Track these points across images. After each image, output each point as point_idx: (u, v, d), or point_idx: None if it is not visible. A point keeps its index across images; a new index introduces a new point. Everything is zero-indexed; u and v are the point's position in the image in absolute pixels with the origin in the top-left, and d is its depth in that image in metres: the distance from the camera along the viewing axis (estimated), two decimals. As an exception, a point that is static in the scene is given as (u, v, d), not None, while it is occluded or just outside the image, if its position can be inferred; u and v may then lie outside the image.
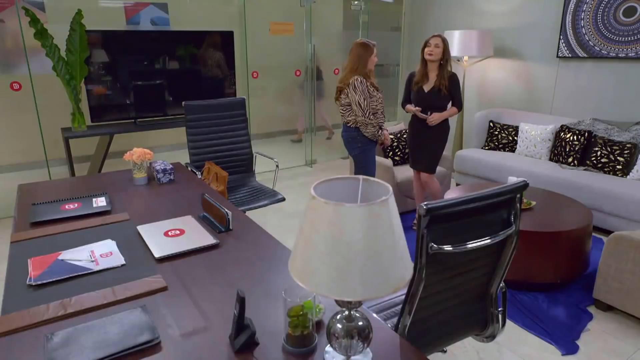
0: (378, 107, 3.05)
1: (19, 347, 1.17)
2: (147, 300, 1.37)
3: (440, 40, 3.16)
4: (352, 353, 1.06)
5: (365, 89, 2.94)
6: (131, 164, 2.58)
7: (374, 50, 3.01)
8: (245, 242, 1.76)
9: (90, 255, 1.64)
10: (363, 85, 2.94)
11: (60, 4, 4.34)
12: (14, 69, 4.58)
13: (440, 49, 3.16)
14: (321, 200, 0.89)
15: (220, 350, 1.15)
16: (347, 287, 0.88)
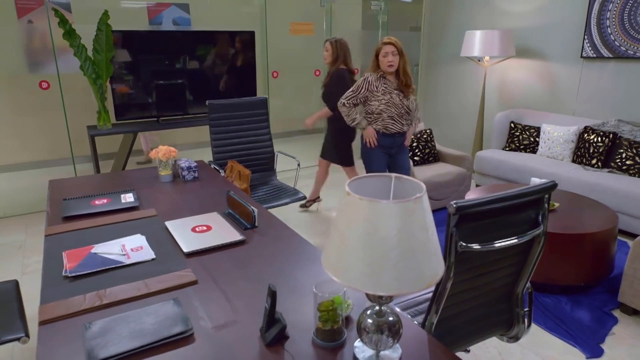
0: (381, 108, 2.92)
1: (60, 334, 1.21)
2: (178, 293, 1.41)
3: (329, 43, 3.52)
4: (382, 348, 1.08)
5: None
6: (156, 161, 2.64)
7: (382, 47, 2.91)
8: (271, 239, 1.79)
9: (122, 249, 1.68)
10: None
11: (86, 5, 4.44)
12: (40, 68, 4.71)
13: (329, 52, 3.52)
14: (356, 197, 0.90)
15: (251, 343, 1.18)
16: (381, 282, 0.90)
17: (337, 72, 3.51)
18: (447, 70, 5.67)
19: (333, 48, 3.54)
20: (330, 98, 3.52)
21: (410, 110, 2.99)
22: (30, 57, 4.72)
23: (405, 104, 2.94)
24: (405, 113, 2.97)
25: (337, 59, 3.54)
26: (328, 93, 3.57)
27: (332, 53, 3.54)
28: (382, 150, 3.08)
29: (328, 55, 3.56)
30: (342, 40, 3.57)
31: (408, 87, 2.94)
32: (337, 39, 3.56)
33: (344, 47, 3.56)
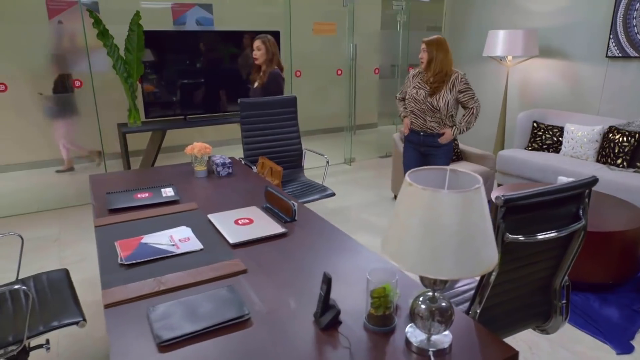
0: (408, 101, 3.08)
1: (124, 317, 1.29)
2: (229, 281, 1.48)
3: (261, 42, 3.32)
4: (434, 332, 1.13)
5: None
6: (191, 157, 2.72)
7: None
8: (311, 231, 1.85)
9: (170, 239, 1.76)
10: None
11: (114, 6, 4.56)
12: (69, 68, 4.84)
13: (262, 51, 3.33)
14: (419, 187, 0.96)
15: (306, 327, 1.24)
16: (441, 267, 0.95)
17: (274, 72, 3.29)
18: (467, 70, 5.68)
19: (266, 46, 3.29)
20: None
21: (435, 108, 2.93)
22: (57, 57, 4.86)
23: (429, 101, 2.92)
24: (429, 110, 2.94)
25: (273, 58, 3.31)
26: (268, 95, 3.32)
27: (265, 52, 3.29)
28: (411, 145, 3.16)
29: (261, 55, 3.31)
30: (272, 38, 3.34)
31: (432, 84, 2.92)
32: (267, 36, 3.31)
33: (274, 45, 3.35)
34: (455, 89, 2.90)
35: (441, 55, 2.88)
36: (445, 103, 2.90)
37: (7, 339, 1.54)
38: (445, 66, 2.90)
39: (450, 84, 2.90)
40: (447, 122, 2.98)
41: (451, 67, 2.93)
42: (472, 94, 2.92)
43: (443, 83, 2.90)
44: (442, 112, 2.93)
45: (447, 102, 2.90)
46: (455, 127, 2.97)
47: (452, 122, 3.00)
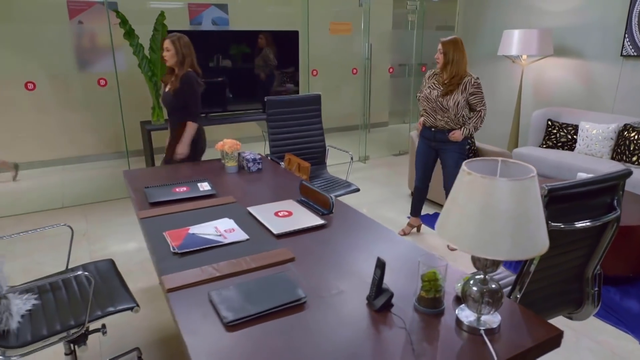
0: (420, 98, 3.22)
1: (187, 300, 1.37)
2: (280, 268, 1.56)
3: (170, 42, 2.99)
4: (484, 313, 1.21)
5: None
6: (221, 153, 2.81)
7: None
8: (348, 223, 1.93)
9: (216, 230, 1.85)
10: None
11: (132, 6, 4.66)
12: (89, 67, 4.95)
13: (171, 52, 2.98)
14: (478, 175, 1.04)
15: (360, 309, 1.32)
16: (499, 249, 1.03)
17: (187, 75, 3.01)
18: (481, 69, 5.75)
19: (176, 47, 2.99)
20: (188, 106, 3.04)
21: (445, 108, 3.03)
22: (79, 56, 4.96)
23: (440, 101, 3.05)
24: (440, 109, 3.07)
25: (185, 60, 3.01)
26: (182, 100, 3.03)
27: (175, 53, 2.99)
28: (424, 140, 3.30)
29: (170, 56, 2.99)
30: (185, 37, 3.04)
31: (446, 86, 3.03)
32: (178, 36, 3.02)
33: (188, 46, 3.05)
34: (467, 91, 3.01)
35: (457, 57, 3.00)
36: (455, 103, 3.02)
37: (69, 322, 1.63)
38: (461, 69, 3.01)
39: (462, 86, 3.01)
40: (457, 122, 3.10)
41: (466, 69, 3.04)
42: (482, 98, 3.05)
43: (457, 85, 3.01)
44: (452, 111, 3.04)
45: (458, 103, 3.02)
46: (465, 128, 3.09)
47: (461, 122, 3.10)
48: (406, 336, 1.20)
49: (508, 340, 1.18)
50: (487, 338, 1.18)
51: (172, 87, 3.04)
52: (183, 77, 3.00)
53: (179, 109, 3.07)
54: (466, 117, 3.09)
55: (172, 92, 3.04)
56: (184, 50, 3.02)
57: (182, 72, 3.02)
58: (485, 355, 1.13)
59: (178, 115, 3.10)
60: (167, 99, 3.11)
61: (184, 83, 3.00)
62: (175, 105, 3.08)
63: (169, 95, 3.09)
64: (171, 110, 3.14)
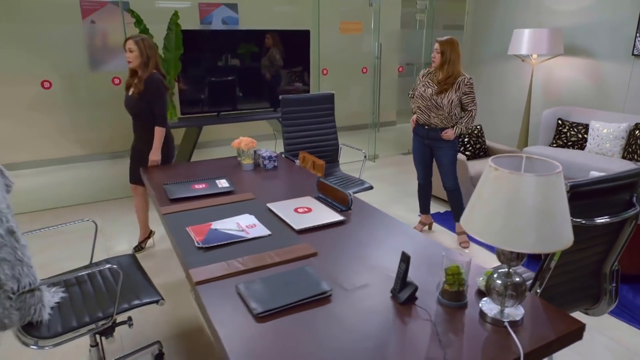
0: (415, 96, 3.26)
1: (215, 293, 1.41)
2: (303, 262, 1.60)
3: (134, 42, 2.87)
4: (507, 306, 1.24)
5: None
6: (237, 151, 2.85)
7: None
8: (367, 219, 1.96)
9: (238, 226, 1.88)
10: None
11: (142, 6, 4.71)
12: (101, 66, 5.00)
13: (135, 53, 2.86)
14: (505, 171, 1.07)
15: (385, 302, 1.35)
16: (525, 242, 1.06)
17: (152, 77, 2.90)
18: (490, 68, 5.76)
19: (140, 48, 2.87)
20: (154, 109, 2.95)
21: (439, 106, 3.09)
22: (93, 55, 5.02)
23: (434, 99, 3.11)
24: (434, 107, 3.13)
25: (149, 61, 2.90)
26: (146, 103, 2.93)
27: (139, 54, 2.87)
28: (418, 137, 3.35)
29: (134, 57, 2.87)
30: (149, 39, 2.94)
31: (441, 84, 3.08)
32: (142, 37, 2.91)
33: (152, 47, 2.93)
34: (460, 90, 3.07)
35: (454, 57, 3.06)
36: (450, 102, 3.08)
37: (97, 314, 1.67)
38: (456, 69, 3.08)
39: (456, 85, 3.07)
40: (450, 120, 3.15)
41: (459, 69, 3.10)
42: (473, 98, 3.12)
43: (451, 85, 3.07)
44: (445, 109, 3.10)
45: (452, 101, 3.08)
46: (457, 127, 3.15)
47: (453, 121, 3.16)
48: (432, 327, 1.23)
49: (531, 332, 1.21)
50: (511, 330, 1.21)
51: (136, 89, 2.91)
52: (148, 80, 2.89)
53: (144, 112, 2.96)
54: (458, 116, 3.16)
55: (137, 95, 2.91)
56: (148, 51, 2.90)
57: (145, 74, 2.89)
58: (510, 346, 1.16)
59: (143, 119, 2.99)
60: (130, 103, 2.98)
61: (149, 85, 2.89)
62: (139, 109, 2.96)
63: (132, 98, 2.95)
64: (135, 115, 3.01)
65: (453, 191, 3.32)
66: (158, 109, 2.96)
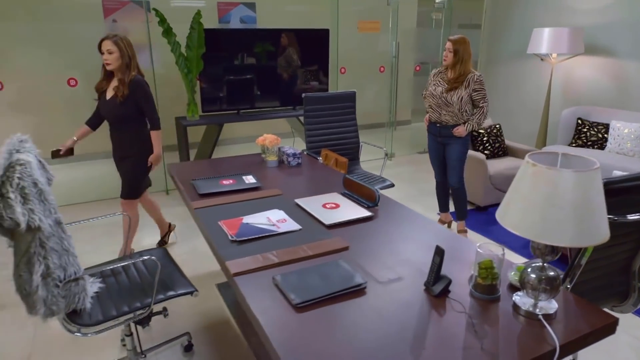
0: (426, 95, 3.29)
1: (252, 284, 1.46)
2: (336, 256, 1.64)
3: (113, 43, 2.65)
4: (541, 299, 1.27)
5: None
6: (262, 148, 2.90)
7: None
8: (394, 215, 2.00)
9: (268, 220, 1.93)
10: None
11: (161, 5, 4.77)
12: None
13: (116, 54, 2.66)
14: (543, 167, 1.10)
15: (418, 295, 1.39)
16: (563, 236, 1.09)
17: (137, 80, 2.72)
18: (508, 68, 5.75)
19: (121, 48, 2.65)
20: (147, 113, 2.80)
21: (449, 103, 3.13)
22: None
23: (445, 97, 3.14)
24: (444, 105, 3.16)
25: (131, 62, 2.71)
26: (133, 108, 2.75)
27: (120, 55, 2.65)
28: (431, 135, 3.39)
29: (114, 59, 2.64)
30: (126, 37, 2.73)
31: (452, 83, 3.11)
32: (120, 36, 2.68)
33: (131, 46, 2.73)
34: (470, 87, 3.10)
35: (466, 56, 3.09)
36: (459, 98, 3.10)
37: (135, 304, 1.73)
38: (468, 68, 3.11)
39: (466, 82, 3.10)
40: (460, 117, 3.17)
41: (470, 67, 3.12)
42: (484, 94, 3.13)
43: (461, 82, 3.10)
44: (455, 106, 3.13)
45: (461, 98, 3.10)
46: (469, 123, 3.17)
47: (464, 118, 3.18)
48: (466, 319, 1.26)
49: (565, 326, 1.24)
50: (546, 322, 1.23)
51: (119, 94, 2.68)
52: (133, 82, 2.68)
53: (129, 117, 2.77)
54: (469, 112, 3.19)
55: (121, 100, 2.69)
56: (129, 51, 2.69)
57: (128, 76, 2.69)
58: (545, 338, 1.19)
59: (129, 124, 2.80)
60: (112, 109, 2.74)
61: (136, 89, 2.70)
62: (124, 115, 2.75)
63: (113, 104, 2.72)
64: (119, 120, 2.78)
65: (456, 189, 3.36)
66: (151, 113, 2.80)
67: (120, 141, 2.88)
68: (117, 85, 2.71)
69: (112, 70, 2.73)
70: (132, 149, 2.86)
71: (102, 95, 2.81)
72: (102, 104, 2.80)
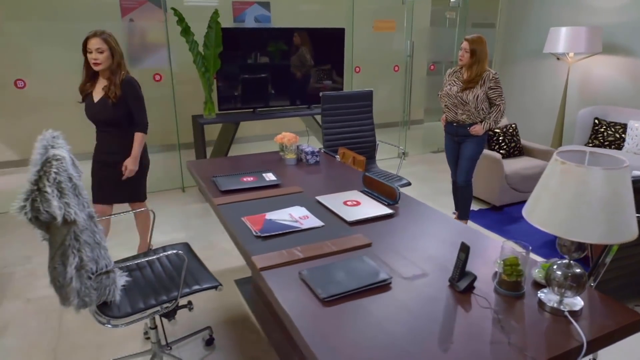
0: (442, 95, 3.30)
1: (279, 278, 1.49)
2: (359, 252, 1.66)
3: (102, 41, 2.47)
4: (567, 296, 1.28)
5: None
6: (280, 146, 2.93)
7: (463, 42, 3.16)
8: (414, 212, 2.02)
9: (290, 217, 1.96)
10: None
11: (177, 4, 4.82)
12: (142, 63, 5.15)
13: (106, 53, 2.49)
14: (573, 165, 1.11)
15: (442, 290, 1.41)
16: (592, 232, 1.10)
17: (129, 79, 2.59)
18: (524, 67, 5.72)
19: (111, 46, 2.50)
20: (136, 115, 2.66)
21: (465, 102, 3.13)
22: (133, 53, 5.18)
23: (460, 96, 3.15)
24: (460, 104, 3.18)
25: (121, 60, 2.56)
26: (125, 109, 2.61)
27: (110, 54, 2.50)
28: (448, 135, 3.41)
29: (105, 58, 2.48)
30: (112, 33, 2.56)
31: (468, 82, 3.12)
32: (107, 32, 2.52)
33: (118, 43, 2.57)
34: (486, 85, 3.10)
35: (483, 56, 3.09)
36: (475, 97, 3.11)
37: (162, 297, 1.77)
38: (484, 67, 3.11)
39: (481, 81, 3.10)
40: (477, 116, 3.17)
41: (486, 66, 3.12)
42: (500, 92, 3.13)
43: (477, 82, 3.11)
44: (471, 105, 3.13)
45: (477, 97, 3.11)
46: (485, 122, 3.17)
47: (481, 116, 3.18)
48: (492, 315, 1.28)
49: (592, 322, 1.25)
50: (572, 319, 1.24)
51: (111, 95, 2.53)
52: (126, 82, 2.56)
53: (122, 120, 2.62)
54: (486, 110, 3.18)
55: (114, 101, 2.53)
56: (118, 48, 2.54)
57: (119, 76, 2.54)
58: (572, 334, 1.20)
59: (122, 127, 2.64)
60: (103, 112, 2.57)
61: (129, 89, 2.57)
62: (118, 117, 2.59)
63: (104, 106, 2.55)
64: (111, 123, 2.61)
65: (461, 187, 3.37)
66: (141, 115, 2.67)
67: (109, 146, 2.69)
68: (108, 86, 2.54)
69: (98, 71, 2.54)
70: (118, 153, 2.66)
71: (87, 98, 2.62)
72: (89, 107, 2.61)
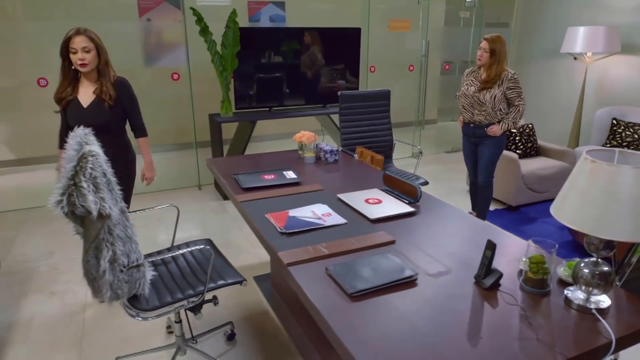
0: (460, 96, 3.31)
1: (306, 274, 1.52)
2: (383, 249, 1.68)
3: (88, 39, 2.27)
4: (594, 294, 1.29)
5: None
6: (299, 145, 2.96)
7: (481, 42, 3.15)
8: (435, 211, 2.03)
9: (313, 214, 1.99)
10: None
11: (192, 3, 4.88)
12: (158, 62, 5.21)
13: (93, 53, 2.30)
14: (603, 163, 1.12)
15: (468, 287, 1.42)
16: (622, 230, 1.11)
17: (121, 79, 2.44)
18: (540, 66, 5.68)
19: (97, 44, 2.31)
20: (133, 118, 2.51)
21: (482, 102, 3.13)
22: (149, 52, 5.25)
23: (477, 96, 3.14)
24: (477, 104, 3.17)
25: (108, 59, 2.40)
26: (120, 112, 2.43)
27: (97, 54, 2.31)
28: (465, 137, 3.42)
29: (92, 58, 2.28)
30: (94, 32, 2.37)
31: (486, 83, 3.11)
32: (91, 30, 2.33)
33: (101, 42, 2.37)
34: (504, 85, 3.08)
35: (502, 56, 3.08)
36: (492, 97, 3.10)
37: (188, 291, 1.81)
38: (503, 67, 3.10)
39: (499, 80, 3.09)
40: (494, 116, 3.16)
41: (505, 66, 3.11)
42: (519, 92, 3.10)
43: (495, 83, 3.10)
44: (488, 105, 3.12)
45: (495, 97, 3.09)
46: (504, 122, 3.15)
47: (499, 117, 3.16)
48: (519, 312, 1.29)
49: (619, 320, 1.26)
50: (600, 316, 1.26)
51: (105, 97, 2.34)
52: (119, 83, 2.40)
53: (117, 123, 2.43)
54: (504, 111, 3.17)
55: (110, 103, 2.35)
56: (104, 46, 2.36)
57: (109, 76, 2.37)
58: (599, 332, 1.21)
59: (115, 131, 2.44)
60: (97, 116, 2.35)
61: (123, 90, 2.41)
62: (111, 122, 2.39)
63: (98, 110, 2.35)
64: (106, 127, 2.39)
65: (482, 188, 3.37)
66: (138, 118, 2.51)
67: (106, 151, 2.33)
68: (99, 88, 2.34)
69: (83, 73, 2.34)
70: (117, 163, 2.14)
71: (72, 104, 2.36)
72: (77, 113, 2.36)
